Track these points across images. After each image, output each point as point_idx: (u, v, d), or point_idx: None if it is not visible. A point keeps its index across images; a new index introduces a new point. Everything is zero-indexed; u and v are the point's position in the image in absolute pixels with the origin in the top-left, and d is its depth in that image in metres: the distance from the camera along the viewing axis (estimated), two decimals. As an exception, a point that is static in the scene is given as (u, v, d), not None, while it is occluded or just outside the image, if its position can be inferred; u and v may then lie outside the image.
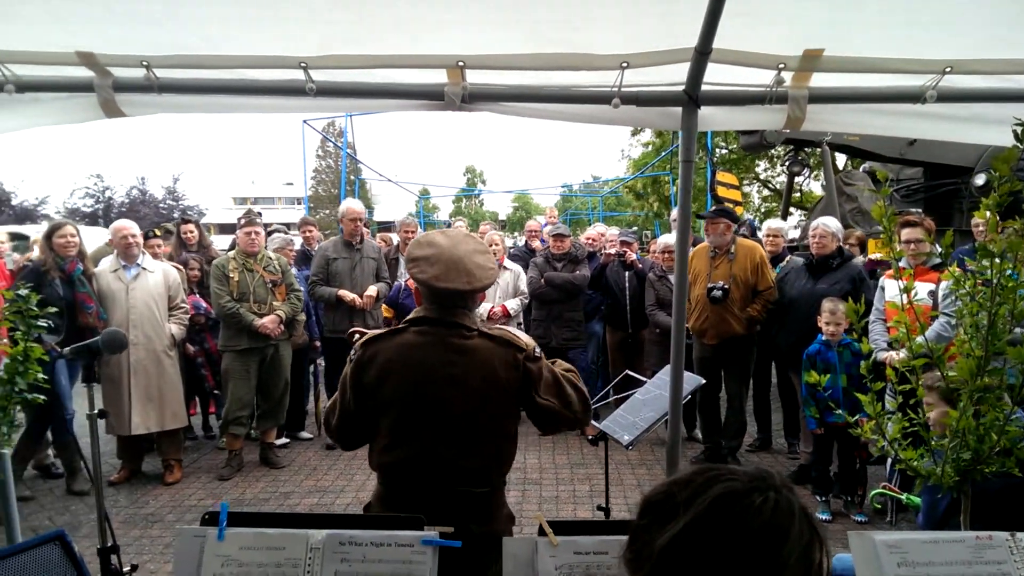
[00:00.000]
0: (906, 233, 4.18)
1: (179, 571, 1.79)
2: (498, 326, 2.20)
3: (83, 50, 2.24)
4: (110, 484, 5.42)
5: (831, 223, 5.26)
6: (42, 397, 2.38)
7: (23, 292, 2.34)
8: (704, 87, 2.44)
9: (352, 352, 2.15)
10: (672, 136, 17.31)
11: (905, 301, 2.23)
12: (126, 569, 2.10)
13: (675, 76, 2.43)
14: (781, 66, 2.33)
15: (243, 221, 5.70)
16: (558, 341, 6.41)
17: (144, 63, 2.26)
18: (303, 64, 2.28)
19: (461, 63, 2.31)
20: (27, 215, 28.61)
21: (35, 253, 6.05)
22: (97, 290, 5.18)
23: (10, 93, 2.33)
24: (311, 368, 7.00)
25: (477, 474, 2.08)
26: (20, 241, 9.94)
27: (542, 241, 7.91)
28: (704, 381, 3.39)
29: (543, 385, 2.09)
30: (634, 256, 6.60)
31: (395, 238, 9.18)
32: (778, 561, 0.93)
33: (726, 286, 5.33)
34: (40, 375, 2.34)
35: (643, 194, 25.54)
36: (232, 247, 6.10)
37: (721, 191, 9.61)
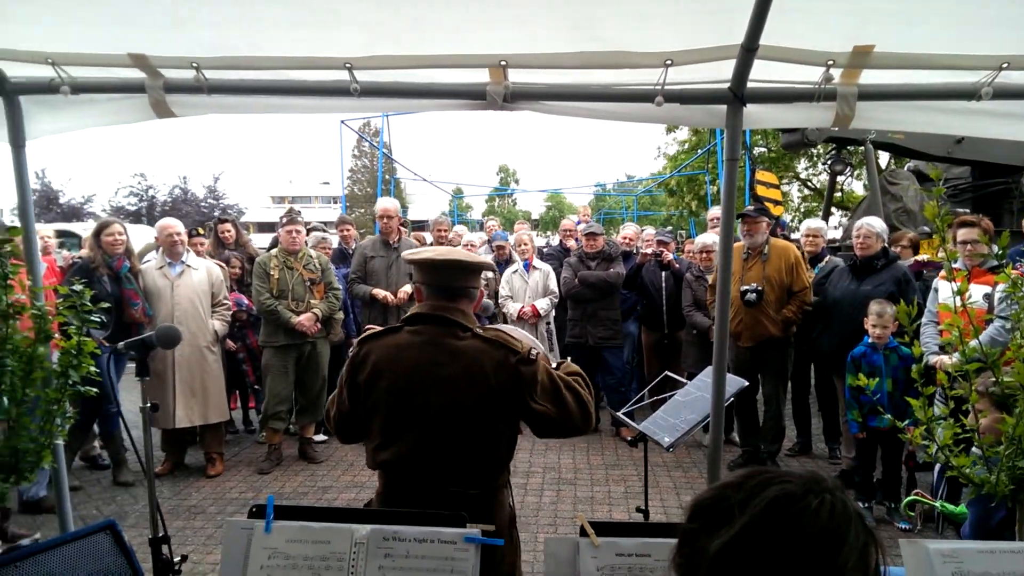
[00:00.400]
0: (962, 234, 4.07)
1: (227, 562, 1.82)
2: (494, 327, 2.17)
3: (135, 52, 2.29)
4: (155, 476, 5.54)
5: (875, 223, 5.14)
6: (94, 390, 2.45)
7: (77, 288, 2.41)
8: (750, 84, 2.41)
9: (350, 349, 2.17)
10: (709, 134, 17.11)
11: (959, 304, 2.17)
12: (176, 559, 2.15)
13: (720, 73, 2.41)
14: (830, 63, 2.28)
15: (285, 220, 5.79)
16: (594, 340, 6.39)
17: (194, 64, 2.31)
18: (348, 65, 2.31)
19: (503, 62, 2.32)
20: (74, 213, 29.45)
21: (84, 251, 6.21)
22: (143, 286, 5.31)
23: (65, 94, 2.40)
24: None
25: (468, 476, 2.06)
26: (68, 239, 10.22)
27: (577, 240, 7.88)
28: (748, 383, 3.34)
29: (539, 389, 2.03)
30: (671, 256, 6.54)
31: (428, 237, 9.23)
32: (836, 565, 0.92)
33: (760, 288, 5.25)
34: (93, 368, 2.41)
35: (677, 191, 25.27)
36: (274, 245, 6.20)
37: (761, 190, 9.47)
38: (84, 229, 10.72)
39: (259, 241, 8.45)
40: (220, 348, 5.69)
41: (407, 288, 6.18)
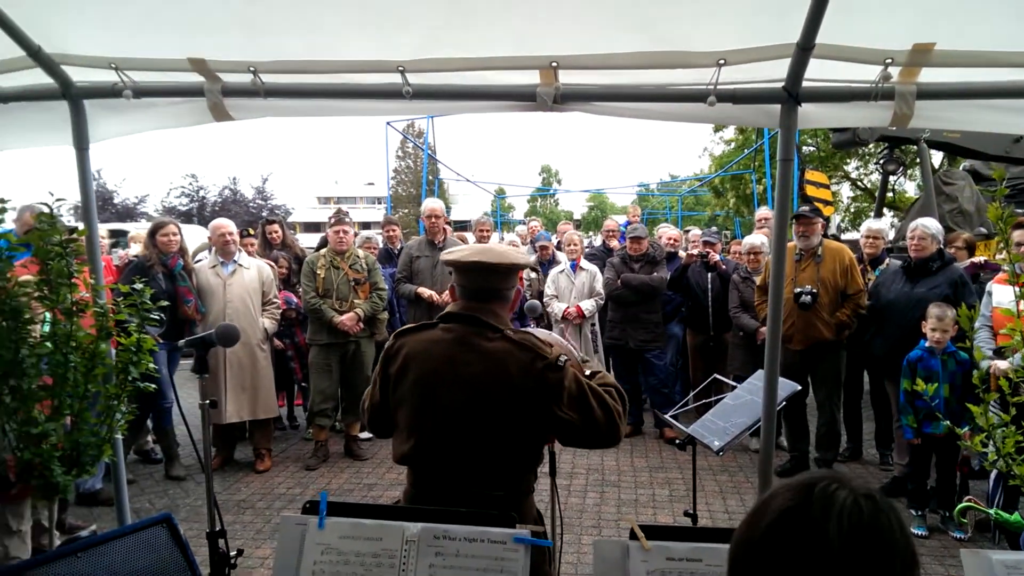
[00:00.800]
0: (1018, 235, 3.93)
1: (281, 556, 1.86)
2: (525, 331, 2.13)
3: (195, 56, 2.36)
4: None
5: (931, 224, 4.99)
6: (153, 386, 2.52)
7: (138, 286, 2.48)
8: (805, 83, 2.37)
9: (387, 341, 2.18)
10: (756, 133, 16.83)
11: (1021, 308, 2.10)
12: (232, 553, 2.20)
13: (774, 73, 2.37)
14: (888, 61, 2.23)
15: (333, 220, 5.89)
16: (635, 343, 6.34)
17: (251, 68, 2.36)
18: (400, 68, 2.33)
19: (554, 63, 2.32)
20: (128, 213, 30.41)
21: (132, 249, 6.41)
22: (197, 285, 5.45)
23: (128, 98, 2.49)
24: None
25: (489, 477, 2.03)
26: (119, 237, 10.53)
27: (621, 240, 7.82)
28: (800, 387, 3.27)
29: (565, 397, 1.97)
30: (717, 257, 6.45)
31: (471, 237, 9.27)
32: None
33: (814, 291, 5.14)
34: (152, 365, 2.48)
35: (722, 191, 24.91)
36: (323, 245, 6.31)
37: (810, 190, 9.28)
38: (133, 228, 11.05)
39: (305, 241, 8.59)
40: (270, 346, 5.81)
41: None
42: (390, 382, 2.12)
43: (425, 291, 6.14)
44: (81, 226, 2.66)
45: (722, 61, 2.25)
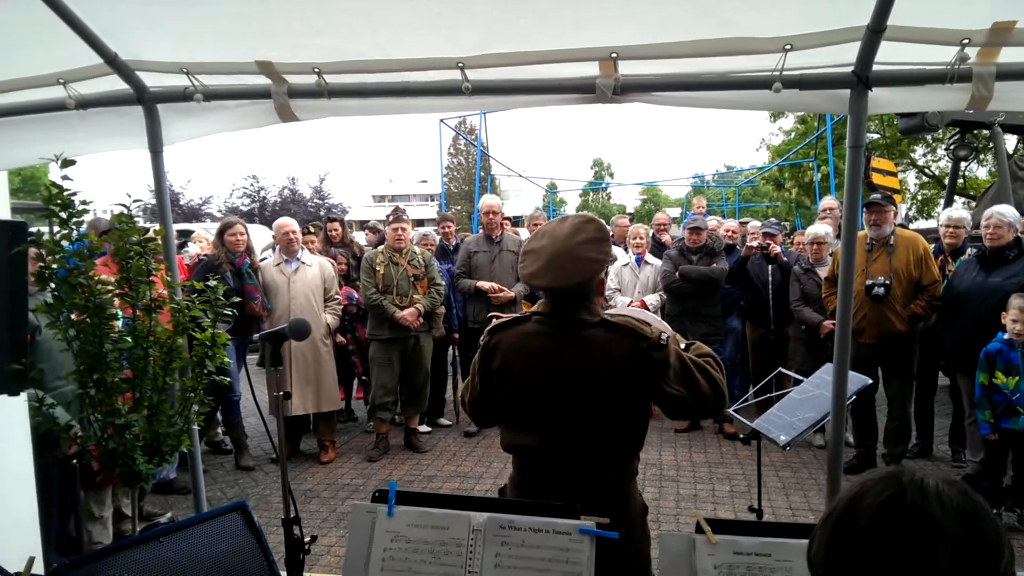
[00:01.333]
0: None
1: (353, 543, 1.91)
2: (623, 314, 2.12)
3: (262, 59, 2.43)
4: (272, 461, 5.88)
5: (1007, 211, 4.77)
6: (227, 379, 2.61)
7: (212, 283, 2.58)
8: (875, 67, 2.29)
9: (481, 337, 2.20)
10: (817, 120, 16.34)
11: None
12: (307, 540, 2.27)
13: (842, 57, 2.30)
14: (965, 41, 2.14)
15: (391, 218, 5.99)
16: (695, 336, 6.23)
17: (316, 69, 2.42)
18: (460, 64, 2.36)
19: (614, 55, 2.30)
20: (193, 214, 31.51)
21: (193, 247, 6.63)
22: (262, 282, 5.62)
23: (199, 102, 2.58)
24: (449, 358, 7.23)
25: (601, 463, 2.05)
26: (185, 238, 10.92)
27: (680, 233, 7.72)
28: (871, 381, 3.18)
29: (671, 373, 1.98)
30: (778, 248, 6.30)
31: (524, 232, 9.29)
32: None
33: (887, 282, 4.97)
34: (226, 359, 2.58)
35: (782, 182, 24.27)
36: (380, 242, 6.42)
37: (877, 178, 8.95)
38: (199, 228, 11.41)
39: (361, 239, 8.75)
40: (332, 340, 5.95)
41: (519, 288, 6.24)
42: (493, 378, 2.14)
43: (485, 284, 6.18)
44: (155, 226, 2.78)
45: (788, 46, 2.20)
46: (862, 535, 0.94)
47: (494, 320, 2.23)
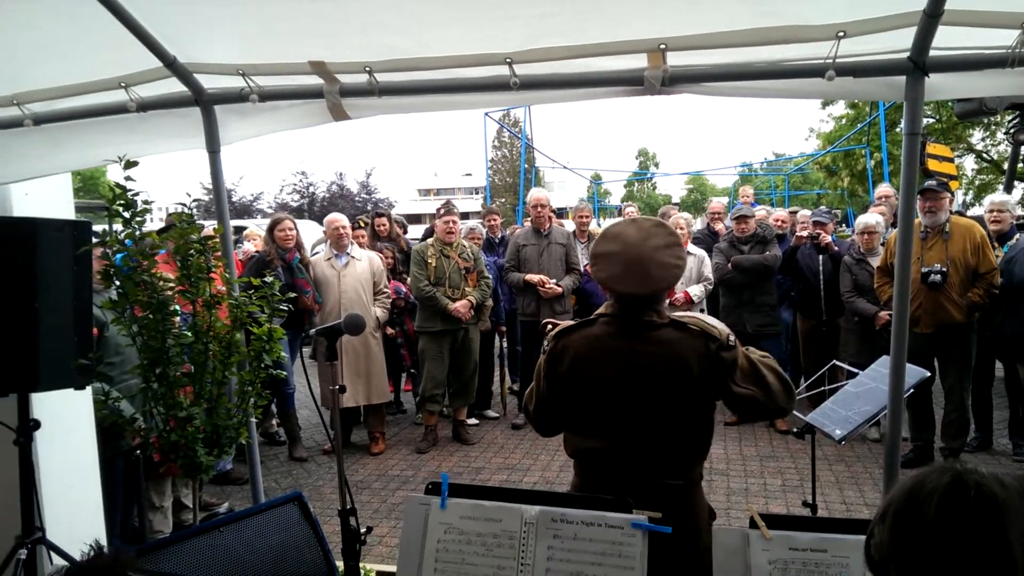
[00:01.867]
0: None
1: (408, 533, 1.95)
2: (690, 315, 2.12)
3: (315, 59, 2.48)
4: (324, 452, 6.01)
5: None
6: (284, 373, 2.68)
7: (268, 279, 2.65)
8: (932, 52, 2.22)
9: (545, 343, 2.19)
10: (869, 106, 15.86)
11: None
12: (363, 531, 2.32)
13: (897, 43, 2.23)
14: (1028, 23, 2.05)
15: (442, 211, 6.05)
16: (752, 327, 6.12)
17: (367, 68, 2.46)
18: (508, 60, 2.36)
19: (663, 46, 2.28)
20: (245, 210, 32.28)
21: (247, 244, 6.79)
22: (313, 277, 5.73)
23: (254, 102, 2.64)
24: (496, 351, 7.28)
25: (670, 466, 2.05)
26: (238, 234, 11.20)
27: (727, 225, 7.60)
28: (928, 374, 3.09)
29: (740, 374, 2.00)
30: (829, 238, 6.15)
31: (569, 224, 9.26)
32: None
33: (944, 269, 4.82)
34: (282, 352, 2.65)
35: (835, 169, 23.61)
36: (427, 235, 6.48)
37: (932, 164, 8.65)
38: (252, 224, 11.68)
39: (414, 232, 8.85)
40: (382, 333, 6.04)
41: (567, 282, 6.23)
42: (559, 381, 2.13)
43: (534, 277, 6.19)
44: (212, 224, 2.87)
45: (841, 33, 2.15)
46: (929, 523, 0.93)
47: (549, 325, 2.23)
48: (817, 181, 30.47)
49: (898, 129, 17.81)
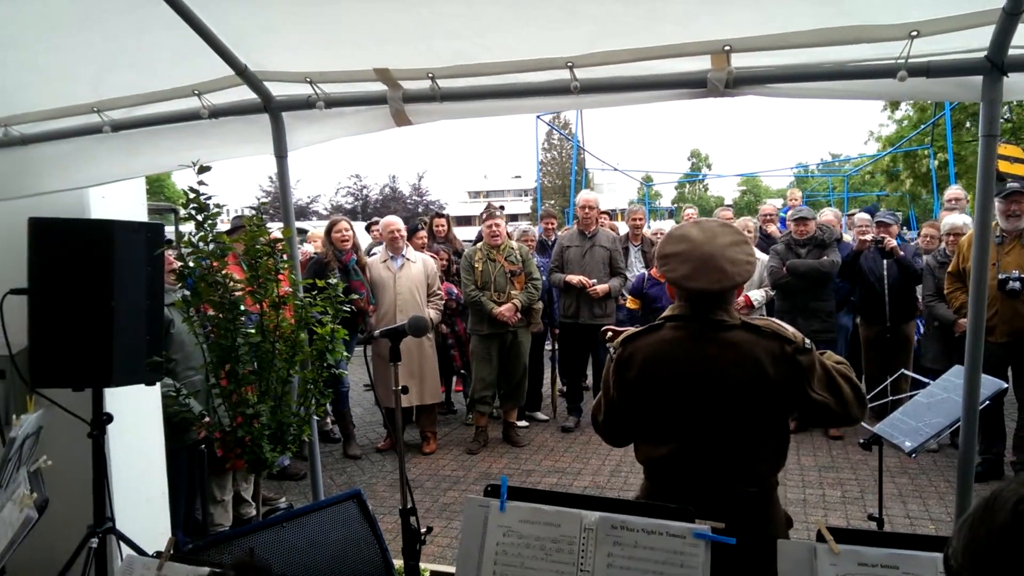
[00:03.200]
0: None
1: (467, 535, 1.95)
2: (762, 317, 2.10)
3: (380, 67, 2.52)
4: (377, 450, 6.11)
5: None
6: (345, 372, 2.73)
7: (332, 281, 2.71)
8: (1011, 51, 2.14)
9: (611, 351, 2.16)
10: (934, 106, 15.29)
11: None
12: (423, 531, 2.35)
13: (974, 42, 2.16)
14: (1117, 19, 1.96)
15: (484, 215, 6.08)
16: (806, 334, 5.97)
17: (429, 75, 2.49)
18: (569, 64, 2.36)
19: (727, 47, 2.25)
20: (302, 212, 33.05)
21: (307, 247, 6.95)
22: (369, 278, 5.83)
23: (320, 109, 2.71)
24: (547, 353, 7.27)
25: (745, 473, 2.01)
26: (300, 235, 11.43)
27: (781, 226, 7.43)
28: (1006, 386, 2.97)
29: (816, 379, 1.94)
30: (894, 242, 5.95)
31: (623, 227, 9.19)
32: None
33: (1022, 276, 4.62)
34: (344, 352, 2.70)
35: (896, 170, 22.84)
36: (479, 238, 6.53)
37: (1003, 166, 8.29)
38: (312, 227, 11.93)
39: (459, 235, 8.93)
40: (435, 335, 6.10)
41: (611, 283, 6.20)
42: (629, 388, 2.10)
43: (574, 277, 6.19)
44: (278, 225, 2.95)
45: (915, 33, 2.08)
46: (1000, 530, 0.90)
47: (610, 332, 2.21)
48: (876, 183, 29.53)
49: (964, 128, 17.16)
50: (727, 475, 2.01)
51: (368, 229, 8.12)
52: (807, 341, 1.97)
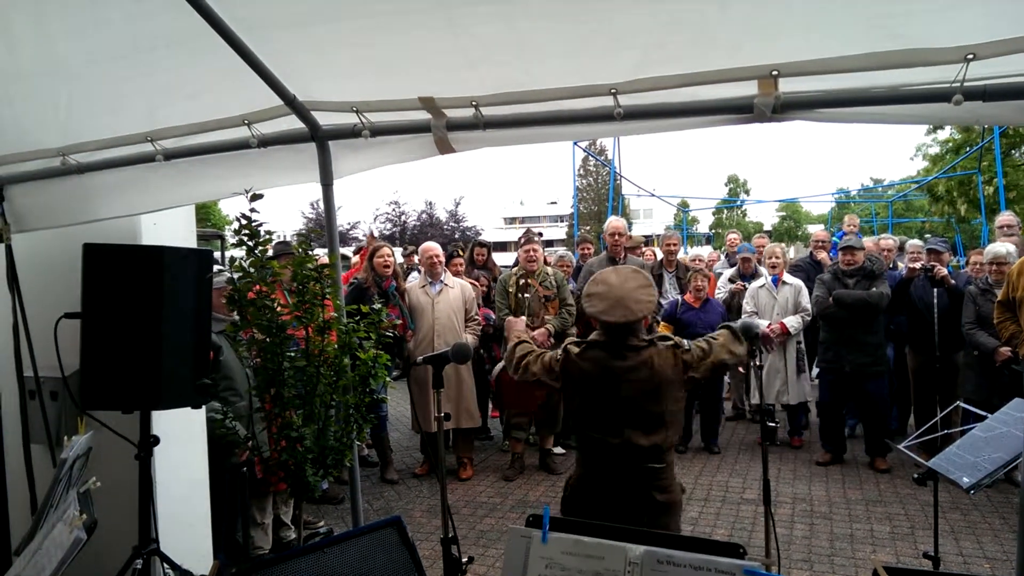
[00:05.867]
0: None
1: (509, 566, 1.93)
2: (662, 335, 2.78)
3: (425, 95, 2.56)
4: (414, 475, 6.09)
5: None
6: (387, 397, 2.73)
7: (377, 307, 2.73)
8: (1073, 73, 2.08)
9: (558, 353, 2.71)
10: (982, 131, 14.96)
11: None
12: (464, 560, 2.32)
13: (1032, 64, 2.10)
14: None
15: (522, 240, 6.09)
16: (851, 367, 5.81)
17: (473, 103, 2.52)
18: (613, 90, 2.37)
19: (775, 72, 2.23)
20: (342, 238, 33.57)
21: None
22: (408, 304, 5.86)
23: (366, 138, 2.75)
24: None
25: (653, 452, 2.56)
26: (343, 261, 11.60)
27: (833, 252, 7.29)
28: (1070, 420, 2.85)
29: (695, 364, 2.58)
30: (945, 270, 5.78)
31: (658, 252, 9.13)
32: None
33: (1076, 305, 4.46)
34: (387, 378, 2.71)
35: (941, 197, 22.27)
36: (516, 264, 6.54)
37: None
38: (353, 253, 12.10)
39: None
40: (472, 359, 6.08)
41: None
42: (567, 390, 2.70)
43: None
44: (320, 252, 2.99)
45: (971, 56, 2.04)
46: None
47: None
48: (921, 208, 28.90)
49: (1019, 152, 16.72)
50: (641, 455, 2.55)
51: (405, 256, 8.21)
52: (686, 342, 2.62)
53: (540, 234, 6.48)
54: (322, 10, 2.30)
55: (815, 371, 6.90)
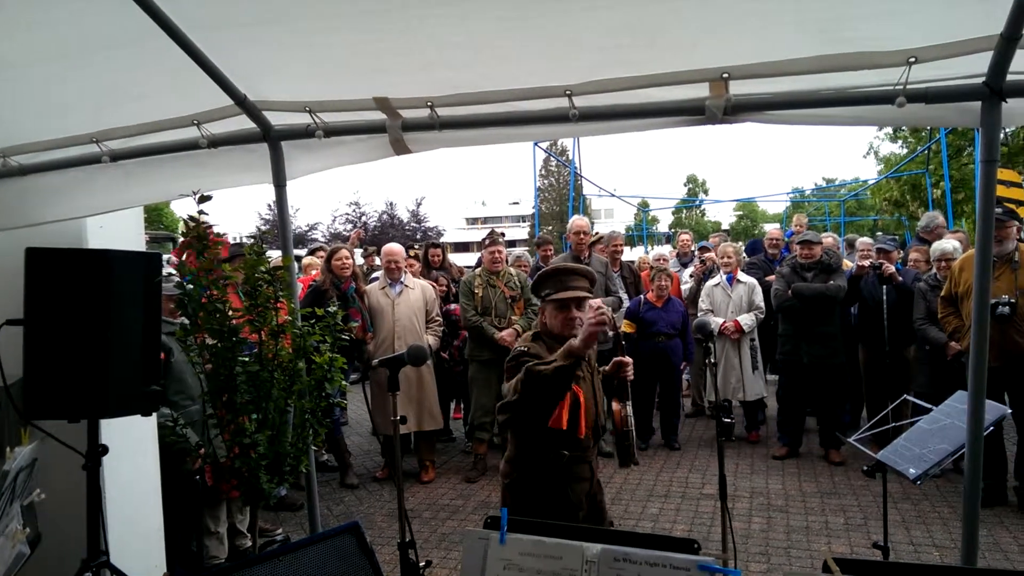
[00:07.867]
0: None
1: (466, 568, 1.92)
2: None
3: (380, 96, 2.53)
4: (374, 479, 6.03)
5: None
6: (345, 402, 2.70)
7: (332, 309, 2.69)
8: (1010, 77, 2.15)
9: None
10: (929, 133, 15.41)
11: None
12: (422, 564, 2.31)
13: (972, 68, 2.18)
14: (1115, 45, 1.98)
15: (487, 241, 6.08)
16: (809, 358, 5.96)
17: (428, 103, 2.51)
18: (568, 92, 2.38)
19: (726, 75, 2.27)
20: (300, 240, 33.10)
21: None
22: (368, 306, 5.80)
23: (320, 138, 2.71)
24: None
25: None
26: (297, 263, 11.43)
27: (783, 251, 7.46)
28: (1010, 411, 2.95)
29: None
30: (893, 268, 5.95)
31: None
32: None
33: (1012, 300, 4.63)
34: (344, 382, 2.68)
35: (902, 202, 22.82)
36: (479, 264, 6.53)
37: (1000, 190, 8.34)
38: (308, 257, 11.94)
39: (455, 261, 8.95)
40: (434, 361, 6.05)
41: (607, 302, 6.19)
42: None
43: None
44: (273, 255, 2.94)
45: (913, 59, 2.10)
46: None
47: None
48: (873, 207, 29.70)
49: (965, 153, 17.30)
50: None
51: (365, 257, 8.14)
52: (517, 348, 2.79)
53: (503, 235, 6.48)
54: (273, 9, 2.26)
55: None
